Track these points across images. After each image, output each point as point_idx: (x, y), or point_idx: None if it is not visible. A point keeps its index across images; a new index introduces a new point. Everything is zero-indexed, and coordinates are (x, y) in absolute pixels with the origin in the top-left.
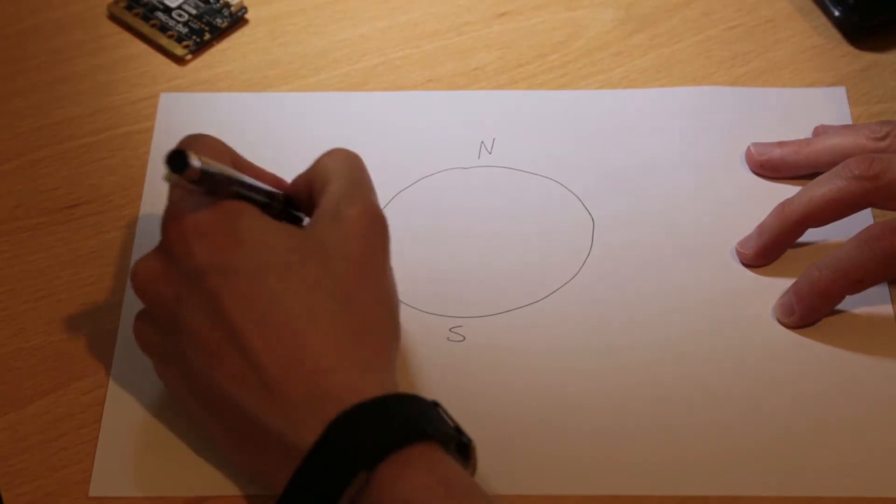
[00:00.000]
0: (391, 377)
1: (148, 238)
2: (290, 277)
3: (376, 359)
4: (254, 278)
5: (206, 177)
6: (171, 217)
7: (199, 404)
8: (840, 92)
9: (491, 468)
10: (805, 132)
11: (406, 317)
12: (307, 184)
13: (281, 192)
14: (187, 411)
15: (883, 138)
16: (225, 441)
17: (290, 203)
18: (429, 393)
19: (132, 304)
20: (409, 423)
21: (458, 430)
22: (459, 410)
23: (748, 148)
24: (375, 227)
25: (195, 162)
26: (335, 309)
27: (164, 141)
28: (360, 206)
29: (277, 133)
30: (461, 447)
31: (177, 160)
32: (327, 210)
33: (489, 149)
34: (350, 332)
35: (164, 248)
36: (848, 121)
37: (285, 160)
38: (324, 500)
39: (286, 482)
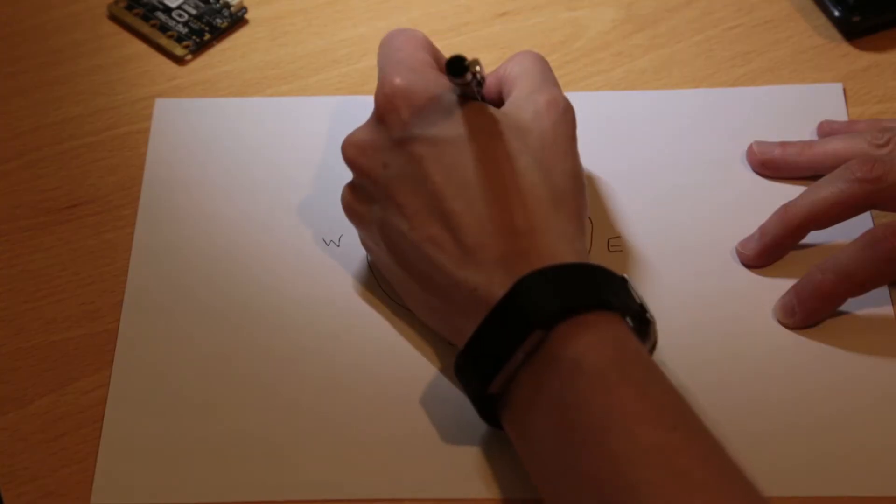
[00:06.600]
0: (584, 248)
1: (147, 237)
2: (492, 147)
3: (570, 227)
4: (458, 146)
5: (473, 81)
6: (389, 90)
7: (400, 266)
8: (837, 88)
9: (493, 470)
10: (802, 129)
11: (406, 321)
12: (497, 82)
13: None
14: (388, 276)
15: (884, 145)
16: (421, 301)
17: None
18: (432, 395)
19: (132, 304)
20: (593, 291)
21: (643, 308)
22: (461, 412)
23: (750, 146)
24: (566, 114)
25: (471, 69)
26: (534, 178)
27: (161, 144)
28: (550, 94)
29: (272, 137)
30: (643, 325)
31: (456, 65)
32: (521, 97)
33: None
34: (548, 200)
35: (375, 121)
36: (844, 117)
37: (280, 164)
38: (499, 354)
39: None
